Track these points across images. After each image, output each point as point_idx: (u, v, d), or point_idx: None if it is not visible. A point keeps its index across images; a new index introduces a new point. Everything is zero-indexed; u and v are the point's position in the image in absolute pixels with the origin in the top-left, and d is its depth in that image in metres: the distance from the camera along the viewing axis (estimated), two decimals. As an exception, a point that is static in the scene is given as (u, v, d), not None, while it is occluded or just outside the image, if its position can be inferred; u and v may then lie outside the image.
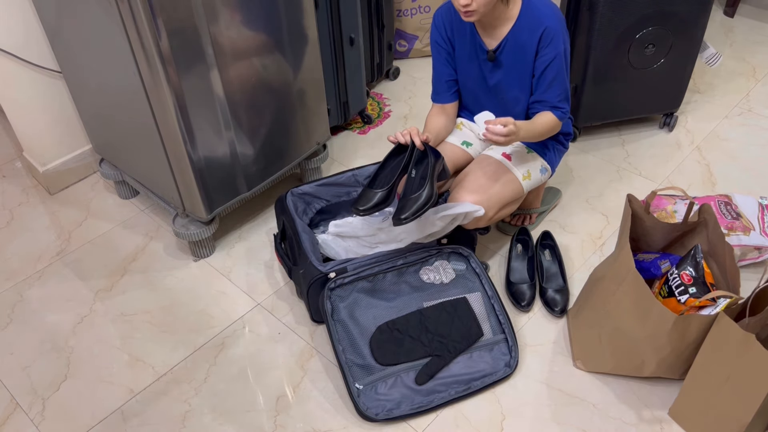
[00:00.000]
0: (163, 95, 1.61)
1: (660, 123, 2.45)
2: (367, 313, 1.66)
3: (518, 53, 1.67)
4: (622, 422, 1.54)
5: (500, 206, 1.72)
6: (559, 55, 1.63)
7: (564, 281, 1.84)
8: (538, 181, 1.81)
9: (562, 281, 1.84)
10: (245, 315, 1.83)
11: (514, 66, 1.69)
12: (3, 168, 2.39)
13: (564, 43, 1.63)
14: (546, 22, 1.61)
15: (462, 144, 1.86)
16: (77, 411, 1.62)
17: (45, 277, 1.97)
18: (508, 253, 1.94)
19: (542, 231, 1.97)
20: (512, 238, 1.97)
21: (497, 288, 1.83)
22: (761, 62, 2.80)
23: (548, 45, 1.62)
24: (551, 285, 1.83)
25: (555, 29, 1.61)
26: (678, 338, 1.42)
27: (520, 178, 1.75)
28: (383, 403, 1.55)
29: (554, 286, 1.82)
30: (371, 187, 1.62)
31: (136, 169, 2.01)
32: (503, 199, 1.72)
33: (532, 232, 2.01)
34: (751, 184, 2.20)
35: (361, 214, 1.59)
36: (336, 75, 2.31)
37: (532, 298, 1.81)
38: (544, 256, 1.92)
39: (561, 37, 1.62)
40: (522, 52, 1.66)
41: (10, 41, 1.94)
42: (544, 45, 1.62)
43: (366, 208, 1.58)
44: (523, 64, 1.68)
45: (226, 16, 1.63)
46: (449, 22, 1.72)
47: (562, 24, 1.63)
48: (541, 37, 1.62)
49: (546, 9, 1.62)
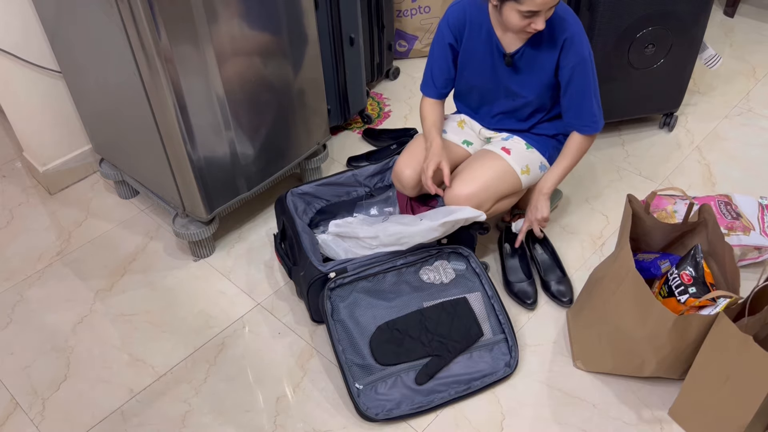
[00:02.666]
0: (163, 95, 1.61)
1: (660, 123, 2.45)
2: (367, 313, 1.66)
3: (537, 59, 1.66)
4: (622, 422, 1.54)
5: (496, 198, 1.72)
6: (582, 62, 1.62)
7: (562, 271, 1.85)
8: (537, 178, 1.81)
9: (560, 272, 1.85)
10: (245, 315, 1.83)
11: (531, 71, 1.68)
12: (3, 168, 2.39)
13: (588, 49, 1.62)
14: (568, 30, 1.59)
15: (463, 143, 1.86)
16: (77, 411, 1.62)
17: (45, 277, 1.97)
18: (499, 256, 1.94)
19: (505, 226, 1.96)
20: (499, 240, 1.96)
21: (497, 288, 1.83)
22: (761, 62, 2.80)
23: (570, 51, 1.61)
24: (552, 277, 1.84)
25: (576, 36, 1.60)
26: (678, 338, 1.43)
27: (518, 172, 1.75)
28: (383, 403, 1.55)
29: (555, 278, 1.83)
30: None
31: (136, 169, 2.01)
32: (499, 192, 1.72)
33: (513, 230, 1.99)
34: (751, 184, 2.20)
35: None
36: (336, 75, 2.31)
37: (536, 294, 1.81)
38: (536, 251, 1.92)
39: (585, 44, 1.61)
40: (541, 58, 1.65)
41: (9, 41, 1.94)
42: (566, 52, 1.61)
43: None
44: (541, 71, 1.67)
45: (226, 16, 1.63)
46: (463, 21, 1.70)
47: (584, 31, 1.62)
48: (564, 45, 1.61)
49: (568, 17, 1.60)
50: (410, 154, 1.80)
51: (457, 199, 1.69)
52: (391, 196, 1.99)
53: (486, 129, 1.88)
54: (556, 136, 1.84)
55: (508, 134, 1.84)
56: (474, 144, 1.87)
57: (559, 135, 1.84)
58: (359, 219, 1.83)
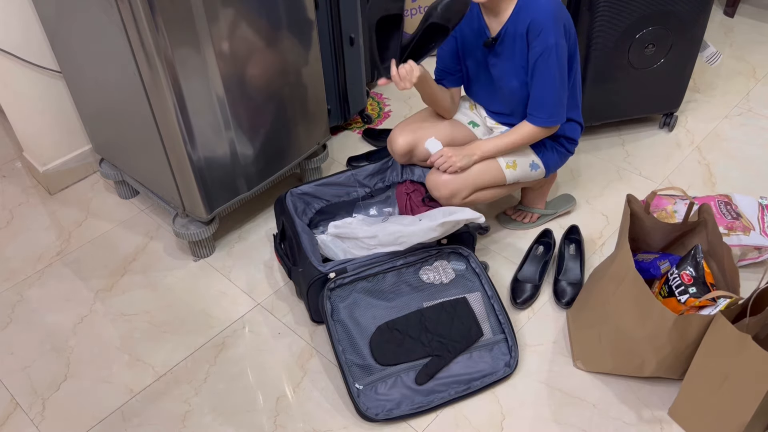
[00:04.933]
0: (163, 95, 1.61)
1: (660, 123, 2.45)
2: (366, 314, 1.66)
3: (513, 43, 1.64)
4: (622, 422, 1.54)
5: (475, 188, 1.73)
6: (547, 50, 1.57)
7: (581, 276, 1.85)
8: (526, 176, 1.80)
9: (579, 275, 1.85)
10: (245, 315, 1.83)
11: (509, 56, 1.66)
12: (3, 168, 2.39)
13: (555, 37, 1.56)
14: (533, 15, 1.56)
15: (469, 123, 1.88)
16: (77, 411, 1.62)
17: (45, 277, 1.97)
18: (526, 251, 1.93)
19: (570, 225, 1.97)
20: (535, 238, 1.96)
21: (498, 287, 1.83)
22: (761, 62, 2.80)
23: (536, 38, 1.57)
24: (567, 277, 1.84)
25: (542, 22, 1.55)
26: (678, 338, 1.43)
27: (503, 166, 1.75)
28: (383, 403, 1.55)
29: (569, 279, 1.83)
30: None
31: (136, 169, 2.01)
32: (479, 182, 1.73)
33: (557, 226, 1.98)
34: (751, 184, 2.20)
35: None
36: (336, 75, 2.31)
37: (530, 298, 1.81)
38: (569, 250, 1.92)
39: (551, 31, 1.55)
40: (516, 41, 1.63)
41: (9, 41, 1.94)
42: (532, 38, 1.58)
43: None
44: (517, 55, 1.65)
45: (226, 16, 1.63)
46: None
47: (555, 18, 1.56)
48: (528, 29, 1.58)
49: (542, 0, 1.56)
50: (406, 123, 1.86)
51: (435, 183, 1.73)
52: (391, 196, 1.99)
53: (490, 118, 1.90)
54: (557, 139, 1.83)
55: (507, 128, 1.84)
56: (480, 127, 1.89)
57: (561, 138, 1.83)
58: (358, 219, 1.83)
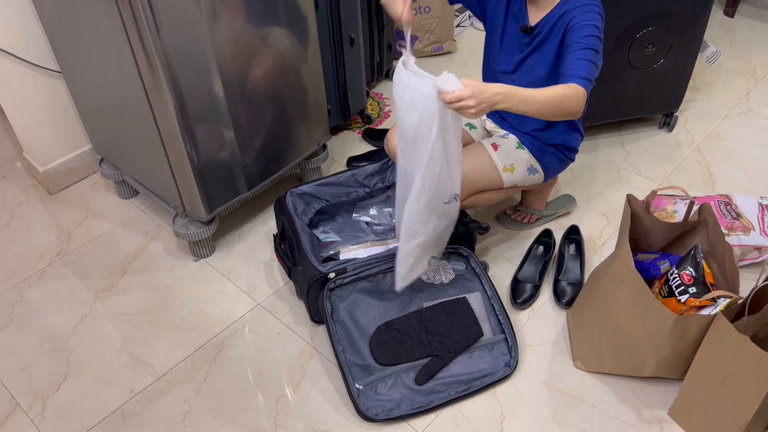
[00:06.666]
0: (163, 95, 1.61)
1: (660, 123, 2.45)
2: (366, 314, 1.66)
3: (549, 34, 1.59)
4: (622, 422, 1.54)
5: (472, 191, 1.72)
6: (590, 11, 1.49)
7: (581, 276, 1.85)
8: (523, 179, 1.79)
9: (579, 275, 1.85)
10: (245, 315, 1.83)
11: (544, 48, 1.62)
12: (3, 168, 2.39)
13: (599, 16, 1.50)
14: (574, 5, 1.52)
15: (466, 125, 1.86)
16: (77, 411, 1.62)
17: (45, 277, 1.97)
18: (526, 251, 1.93)
19: (570, 225, 1.97)
20: (535, 238, 1.96)
21: (498, 287, 1.83)
22: (761, 62, 2.80)
23: (576, 8, 1.50)
24: (567, 277, 1.84)
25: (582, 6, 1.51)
26: (678, 338, 1.43)
27: (500, 169, 1.74)
28: (383, 404, 1.55)
29: (569, 279, 1.83)
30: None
31: (136, 169, 2.01)
32: (475, 185, 1.72)
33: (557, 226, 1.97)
34: (751, 184, 2.20)
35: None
36: (336, 75, 2.31)
37: (530, 299, 1.81)
38: (569, 250, 1.92)
39: (592, 5, 1.50)
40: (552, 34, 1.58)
41: (10, 41, 1.94)
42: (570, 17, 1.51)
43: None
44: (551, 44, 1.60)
45: (226, 16, 1.63)
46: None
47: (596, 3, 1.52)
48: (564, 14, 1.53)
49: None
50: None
51: None
52: (391, 196, 1.99)
53: (489, 120, 1.89)
54: (557, 146, 1.81)
55: (506, 132, 1.83)
56: (477, 129, 1.88)
57: (561, 146, 1.82)
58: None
